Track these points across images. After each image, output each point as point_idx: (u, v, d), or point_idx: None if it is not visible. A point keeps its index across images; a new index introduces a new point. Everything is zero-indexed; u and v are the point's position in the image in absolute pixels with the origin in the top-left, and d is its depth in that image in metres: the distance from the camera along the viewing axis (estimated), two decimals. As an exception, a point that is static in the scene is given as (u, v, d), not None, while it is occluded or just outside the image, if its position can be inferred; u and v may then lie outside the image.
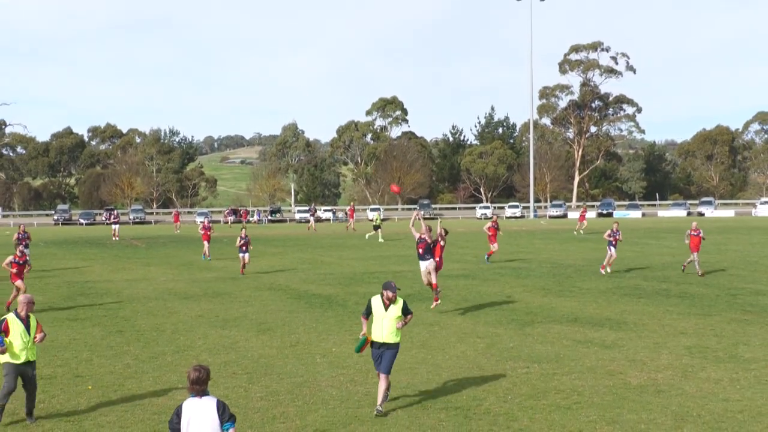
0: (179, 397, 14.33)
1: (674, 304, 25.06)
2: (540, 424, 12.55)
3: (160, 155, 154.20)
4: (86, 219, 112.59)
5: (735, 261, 39.24)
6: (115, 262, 43.27)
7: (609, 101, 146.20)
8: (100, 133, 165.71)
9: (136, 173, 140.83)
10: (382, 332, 13.06)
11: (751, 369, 16.09)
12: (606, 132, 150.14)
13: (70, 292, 30.07)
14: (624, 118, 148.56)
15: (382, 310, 13.08)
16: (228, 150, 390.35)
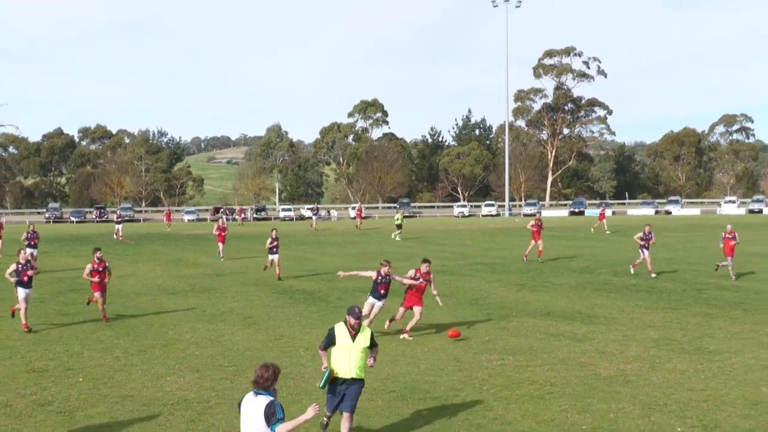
0: (167, 389, 14.36)
1: (642, 299, 25.21)
2: (514, 414, 12.63)
3: (148, 155, 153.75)
4: (77, 217, 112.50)
5: (700, 257, 39.47)
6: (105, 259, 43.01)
7: (581, 104, 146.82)
8: (90, 133, 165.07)
9: (125, 173, 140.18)
10: (351, 367, 10.73)
11: (715, 360, 16.22)
12: (578, 134, 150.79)
13: (61, 287, 29.98)
14: (595, 121, 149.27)
15: (348, 341, 10.81)
16: (214, 150, 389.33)
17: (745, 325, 20.28)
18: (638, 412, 12.63)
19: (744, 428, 11.70)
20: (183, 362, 16.63)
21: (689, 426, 11.87)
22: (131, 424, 12.28)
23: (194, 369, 15.96)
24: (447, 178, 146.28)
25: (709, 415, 12.38)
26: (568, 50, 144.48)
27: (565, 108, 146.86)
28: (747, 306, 23.52)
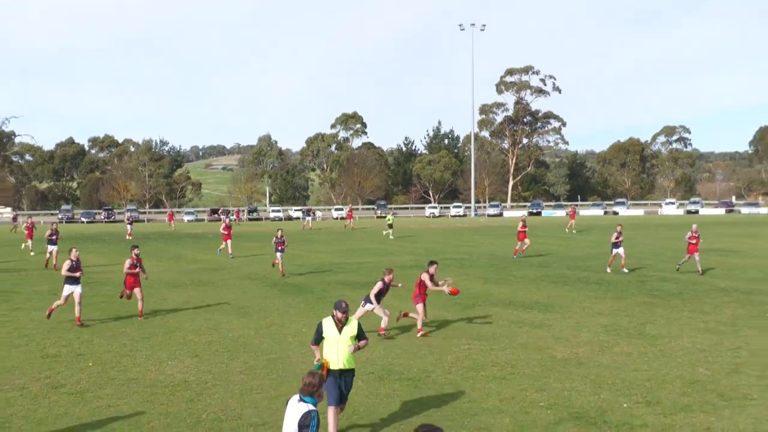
0: (169, 372, 14.28)
1: (593, 290, 25.32)
2: (479, 392, 12.64)
3: (151, 162, 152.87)
4: (87, 218, 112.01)
5: (644, 253, 39.68)
6: (113, 256, 42.79)
7: (538, 117, 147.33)
8: (99, 142, 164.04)
9: (130, 178, 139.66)
10: (339, 358, 10.28)
11: (657, 344, 16.31)
12: (536, 143, 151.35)
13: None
14: (551, 131, 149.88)
15: (335, 333, 10.32)
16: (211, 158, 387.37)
17: (683, 313, 20.40)
18: (589, 390, 12.68)
19: (683, 404, 11.77)
20: (183, 348, 16.55)
21: (634, 402, 11.93)
22: (136, 404, 12.21)
23: (193, 354, 15.89)
24: (419, 182, 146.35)
25: (652, 393, 12.45)
26: (526, 69, 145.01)
27: (524, 120, 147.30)
28: (685, 296, 23.66)
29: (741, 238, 49.73)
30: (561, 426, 10.81)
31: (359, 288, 26.39)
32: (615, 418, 11.16)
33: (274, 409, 11.81)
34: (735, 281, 27.21)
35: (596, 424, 10.91)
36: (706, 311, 20.62)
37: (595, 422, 10.97)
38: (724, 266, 32.18)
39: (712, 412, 11.37)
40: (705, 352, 15.41)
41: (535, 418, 11.20)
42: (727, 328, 18.08)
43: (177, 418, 11.42)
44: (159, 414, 11.65)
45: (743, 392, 12.43)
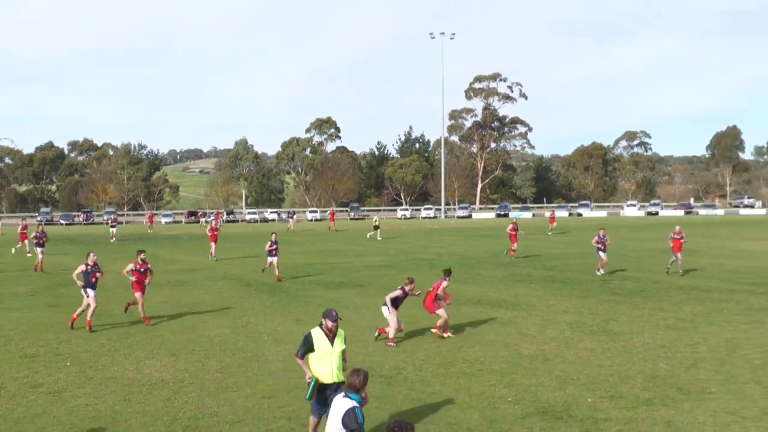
0: (146, 371, 14.14)
1: (558, 288, 25.44)
2: (449, 388, 12.63)
3: (130, 165, 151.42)
4: (66, 220, 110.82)
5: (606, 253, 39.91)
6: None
7: (505, 122, 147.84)
8: (78, 146, 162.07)
9: (109, 181, 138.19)
10: (332, 371, 9.32)
11: (620, 341, 16.40)
12: (503, 147, 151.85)
13: (51, 282, 29.37)
14: (518, 136, 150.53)
15: (327, 345, 9.34)
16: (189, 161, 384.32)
17: (645, 310, 20.55)
18: (555, 385, 12.72)
19: (644, 398, 11.84)
20: (160, 347, 16.39)
21: (598, 397, 11.98)
22: (114, 402, 12.06)
23: (170, 353, 15.74)
24: (391, 185, 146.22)
25: (615, 387, 12.50)
26: (494, 76, 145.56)
27: (492, 125, 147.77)
28: (646, 294, 23.84)
29: (699, 239, 50.22)
30: (528, 420, 10.82)
31: (333, 288, 26.33)
32: (580, 412, 11.20)
33: (249, 406, 11.72)
34: (693, 280, 27.46)
35: (562, 418, 10.93)
36: (666, 309, 20.79)
37: (560, 416, 11.00)
38: (683, 266, 32.47)
39: (672, 406, 11.44)
40: (665, 348, 15.52)
41: (503, 413, 11.21)
42: (686, 325, 18.23)
43: (154, 416, 11.29)
44: (136, 412, 11.51)
45: (702, 386, 12.53)
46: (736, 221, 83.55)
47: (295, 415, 11.20)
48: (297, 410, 11.45)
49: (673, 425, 10.53)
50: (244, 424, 10.84)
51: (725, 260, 34.26)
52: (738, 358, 14.54)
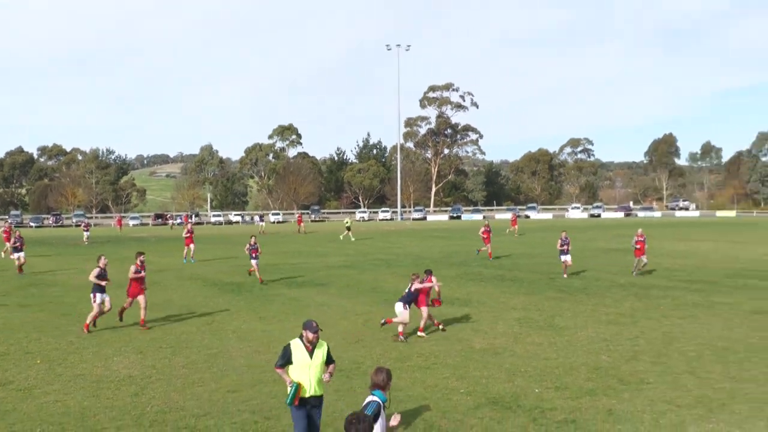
0: (114, 368, 13.94)
1: (507, 286, 25.61)
2: (406, 381, 12.65)
3: (98, 170, 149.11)
4: (36, 223, 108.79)
5: (552, 252, 40.30)
6: (61, 258, 41.68)
7: (458, 129, 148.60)
8: (48, 151, 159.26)
9: (78, 185, 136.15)
10: (311, 384, 8.52)
11: (565, 335, 16.57)
12: (455, 153, 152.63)
13: (21, 283, 28.80)
14: (469, 143, 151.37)
15: (306, 358, 8.51)
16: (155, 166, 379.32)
17: (588, 306, 20.79)
18: (505, 377, 12.80)
19: (588, 389, 11.97)
20: (128, 345, 16.17)
21: (545, 388, 12.09)
22: (83, 398, 11.87)
23: (138, 350, 15.53)
24: (350, 189, 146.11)
25: (561, 379, 12.63)
26: (447, 86, 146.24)
27: (445, 132, 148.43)
28: (589, 291, 24.11)
29: (638, 239, 50.90)
30: (479, 411, 10.88)
31: (295, 287, 26.21)
32: (528, 402, 11.29)
33: (215, 400, 11.63)
34: (633, 277, 27.83)
35: (511, 408, 11.01)
36: (608, 304, 21.05)
37: (510, 407, 11.08)
38: (622, 264, 32.88)
39: (613, 395, 11.59)
40: (607, 342, 15.71)
41: (455, 404, 11.26)
42: (627, 320, 18.48)
43: (122, 411, 11.14)
44: (105, 408, 11.35)
45: (641, 377, 12.71)
46: (672, 223, 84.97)
47: (258, 409, 11.13)
48: (260, 404, 11.39)
49: (614, 413, 10.67)
50: (209, 418, 10.75)
51: (662, 259, 34.77)
52: (674, 350, 14.78)
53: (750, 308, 20.01)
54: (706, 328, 17.21)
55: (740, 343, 15.32)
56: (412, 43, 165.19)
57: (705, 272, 29.21)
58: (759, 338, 15.86)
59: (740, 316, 18.84)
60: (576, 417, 10.55)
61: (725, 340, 15.74)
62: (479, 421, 10.39)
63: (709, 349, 14.84)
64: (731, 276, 27.80)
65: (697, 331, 16.76)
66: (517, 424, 10.27)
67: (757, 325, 17.52)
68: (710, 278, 27.10)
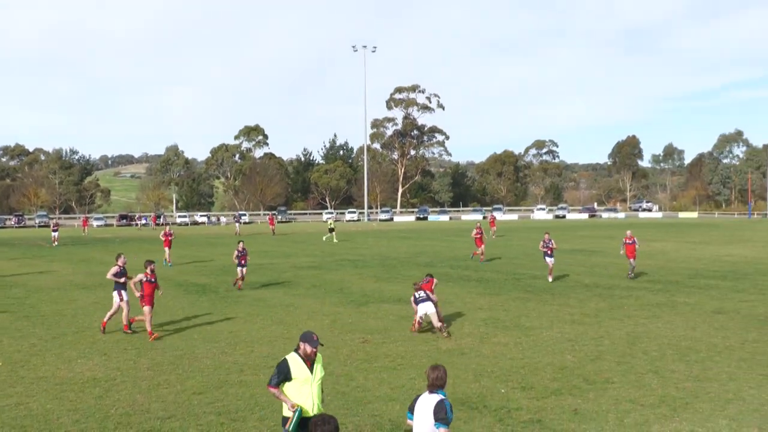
0: (78, 370, 13.75)
1: (473, 287, 25.72)
2: (373, 382, 12.64)
3: (61, 170, 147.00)
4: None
5: (518, 253, 40.61)
6: (23, 259, 41.01)
7: (424, 131, 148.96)
8: (10, 151, 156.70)
9: (41, 185, 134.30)
10: (314, 402, 7.69)
11: (530, 335, 16.68)
12: (422, 155, 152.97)
13: (-17, 284, 28.29)
14: (436, 144, 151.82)
15: (306, 373, 7.64)
16: (120, 166, 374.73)
17: (553, 306, 20.95)
18: (471, 377, 12.85)
19: (553, 388, 12.06)
20: (92, 347, 15.95)
21: (511, 388, 12.15)
22: (46, 401, 11.68)
23: (102, 352, 15.33)
24: (317, 190, 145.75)
25: (527, 379, 12.70)
26: (414, 87, 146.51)
27: (411, 134, 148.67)
28: (554, 291, 24.30)
29: (602, 240, 51.55)
30: (446, 411, 10.89)
31: (261, 288, 26.07)
32: (494, 402, 11.34)
33: (180, 402, 11.51)
34: (597, 278, 28.13)
35: (477, 408, 11.05)
36: (573, 305, 21.23)
37: (476, 407, 11.12)
38: (587, 264, 33.24)
39: (578, 395, 11.69)
40: (572, 342, 15.85)
41: (422, 405, 11.25)
42: (591, 320, 18.66)
43: (86, 414, 10.98)
44: (68, 410, 11.18)
45: (605, 376, 12.83)
46: (635, 224, 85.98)
47: (224, 410, 11.05)
48: (227, 405, 11.30)
49: (579, 413, 10.76)
50: (174, 420, 10.64)
51: (626, 260, 35.13)
52: (638, 350, 14.94)
53: (712, 308, 20.33)
54: (669, 327, 17.44)
55: (702, 343, 15.55)
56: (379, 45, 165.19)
57: (668, 272, 29.61)
58: (721, 338, 16.12)
59: (702, 315, 19.13)
60: (542, 417, 10.62)
61: (688, 339, 15.96)
62: (446, 422, 10.41)
63: (672, 348, 15.04)
64: (693, 276, 28.22)
65: (660, 331, 16.97)
66: (484, 425, 10.31)
67: (719, 324, 17.80)
68: (673, 278, 27.48)
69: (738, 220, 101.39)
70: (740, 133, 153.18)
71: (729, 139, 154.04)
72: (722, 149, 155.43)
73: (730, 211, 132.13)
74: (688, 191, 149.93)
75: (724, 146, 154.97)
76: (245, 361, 14.27)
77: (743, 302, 21.35)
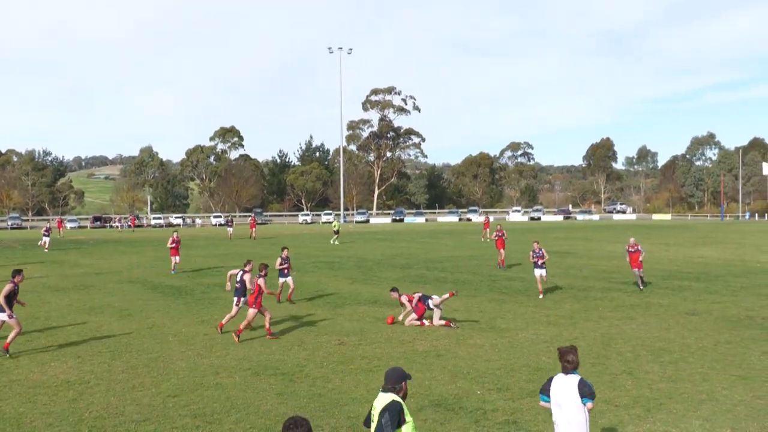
0: (51, 373, 13.60)
1: (449, 288, 25.73)
2: (349, 384, 12.63)
3: (34, 171, 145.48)
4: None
5: (493, 254, 40.72)
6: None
7: (400, 133, 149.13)
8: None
9: (13, 186, 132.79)
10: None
11: (506, 336, 16.75)
12: (398, 156, 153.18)
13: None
14: (412, 146, 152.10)
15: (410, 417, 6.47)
16: (94, 167, 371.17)
17: (529, 308, 21.06)
18: (447, 379, 12.88)
19: (529, 390, 12.12)
20: (65, 349, 15.79)
21: (487, 389, 12.19)
22: (18, 404, 11.54)
23: (75, 355, 15.18)
24: (293, 191, 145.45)
25: (502, 380, 12.76)
26: (389, 89, 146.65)
27: (387, 136, 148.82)
28: (530, 293, 24.41)
29: (577, 241, 51.90)
30: (422, 413, 10.92)
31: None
32: (470, 404, 11.37)
33: (155, 405, 11.43)
34: (572, 279, 28.31)
35: (453, 409, 11.08)
36: (548, 306, 21.36)
37: (452, 408, 11.14)
38: (562, 266, 33.42)
39: (554, 396, 11.74)
40: (547, 343, 15.93)
41: (399, 406, 11.26)
42: (566, 321, 18.78)
43: (59, 417, 10.87)
44: (41, 414, 11.06)
45: (580, 377, 12.90)
46: (609, 225, 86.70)
47: (200, 413, 10.99)
48: (202, 408, 11.24)
49: (554, 414, 10.81)
50: (149, 423, 10.56)
51: (600, 261, 35.44)
52: (612, 351, 15.06)
53: (685, 309, 20.54)
54: (643, 329, 17.60)
55: (676, 344, 15.71)
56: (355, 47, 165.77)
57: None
58: (694, 339, 16.29)
59: (676, 317, 19.33)
60: (517, 418, 10.67)
61: (662, 340, 16.12)
62: (422, 423, 10.42)
63: (646, 349, 15.17)
64: (667, 278, 28.50)
65: (634, 332, 17.12)
66: (460, 426, 10.33)
67: (692, 325, 17.99)
68: (647, 280, 27.71)
69: (711, 222, 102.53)
70: (713, 135, 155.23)
71: (702, 142, 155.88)
72: (695, 152, 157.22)
73: (702, 213, 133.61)
74: (661, 193, 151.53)
75: (697, 149, 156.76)
76: (221, 364, 14.20)
77: (716, 303, 21.60)
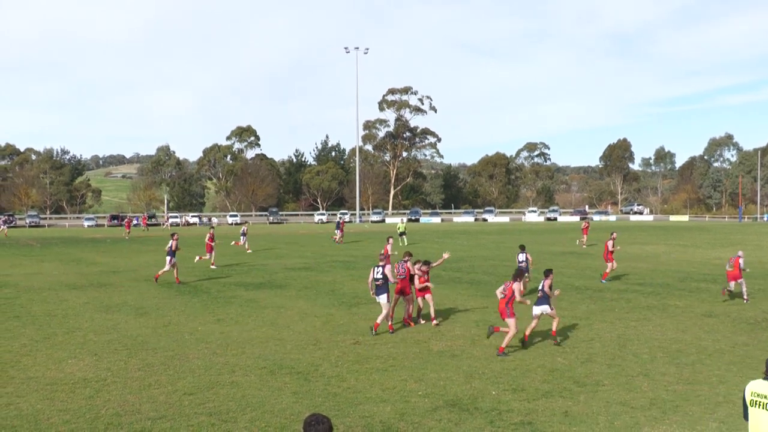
0: (68, 370, 13.68)
1: (464, 289, 25.74)
2: (364, 384, 12.64)
3: (52, 170, 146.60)
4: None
5: (508, 255, 40.61)
6: (13, 259, 40.84)
7: (416, 133, 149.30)
8: (1, 151, 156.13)
9: (32, 185, 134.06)
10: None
11: (520, 337, 16.70)
12: (414, 156, 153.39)
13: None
14: (428, 146, 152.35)
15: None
16: (111, 166, 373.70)
17: (544, 309, 20.96)
18: (462, 379, 12.86)
19: (544, 390, 12.08)
20: (82, 347, 15.89)
21: (502, 390, 12.17)
22: (36, 401, 11.63)
23: (92, 353, 15.28)
24: (309, 191, 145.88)
25: (517, 381, 12.73)
26: (406, 89, 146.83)
27: (403, 136, 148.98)
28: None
29: (593, 242, 51.59)
30: (437, 413, 10.91)
31: (253, 289, 26.04)
32: (485, 404, 11.35)
33: (171, 403, 11.49)
34: (588, 280, 28.21)
35: (468, 410, 11.07)
36: (563, 307, 21.24)
37: (467, 408, 11.13)
38: (578, 267, 33.31)
39: (569, 397, 11.72)
40: (563, 343, 15.88)
41: (413, 406, 11.27)
42: (582, 322, 18.72)
43: (76, 414, 10.94)
44: (58, 411, 11.14)
45: (596, 379, 12.86)
46: (626, 226, 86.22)
47: (215, 411, 11.03)
48: (218, 406, 11.29)
49: (570, 415, 10.79)
50: (165, 420, 10.61)
51: (616, 262, 35.23)
52: (628, 352, 14.99)
53: (702, 311, 20.41)
54: (659, 330, 17.50)
55: (693, 346, 15.61)
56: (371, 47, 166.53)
57: (658, 275, 29.71)
58: (711, 341, 16.19)
59: (693, 318, 19.21)
60: (532, 419, 10.64)
61: (678, 342, 16.03)
62: (437, 423, 10.42)
63: (663, 351, 15.09)
64: (684, 279, 28.32)
65: (650, 334, 17.03)
66: (475, 426, 10.32)
67: (709, 327, 17.87)
68: (663, 281, 27.58)
69: (728, 223, 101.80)
70: (731, 137, 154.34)
71: (719, 143, 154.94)
72: (713, 153, 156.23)
73: (720, 214, 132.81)
74: (678, 194, 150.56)
75: (715, 150, 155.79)
76: (237, 362, 14.25)
77: (733, 305, 21.45)
